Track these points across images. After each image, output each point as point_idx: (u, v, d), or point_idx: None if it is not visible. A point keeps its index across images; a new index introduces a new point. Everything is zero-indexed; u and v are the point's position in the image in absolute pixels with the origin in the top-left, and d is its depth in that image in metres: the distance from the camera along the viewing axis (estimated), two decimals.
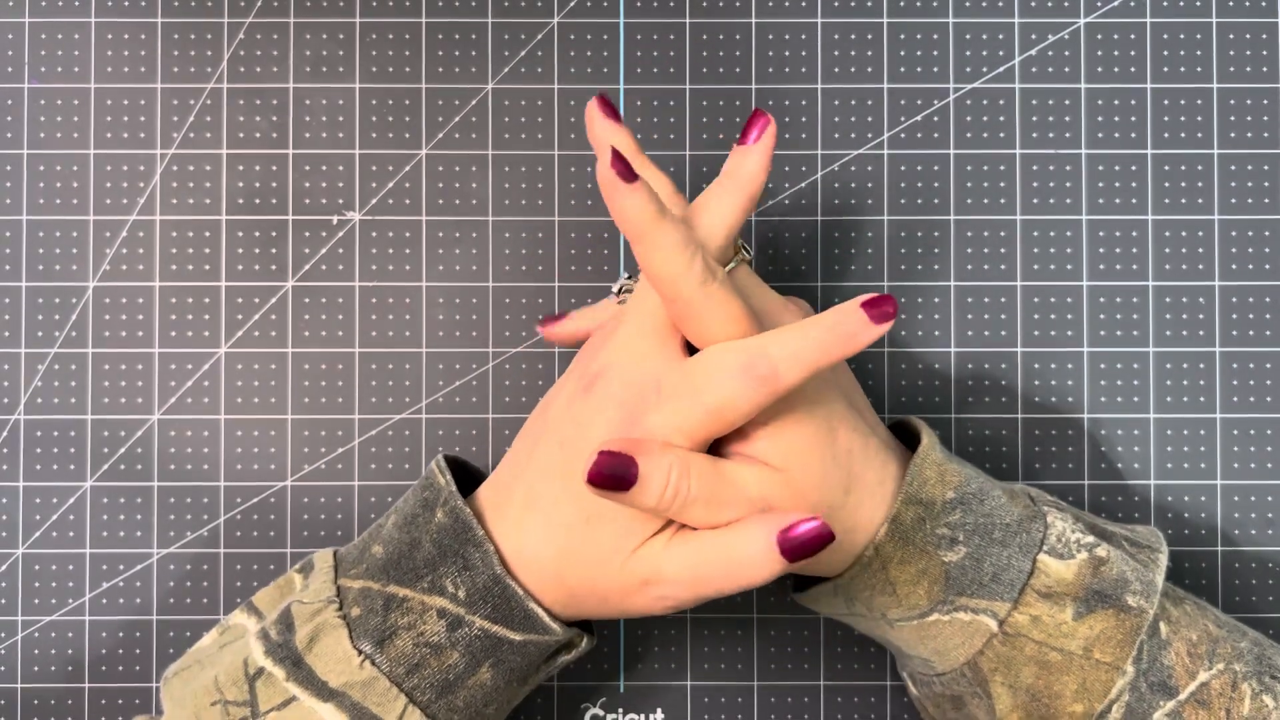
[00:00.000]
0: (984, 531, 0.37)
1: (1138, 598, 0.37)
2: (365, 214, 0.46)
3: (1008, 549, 0.37)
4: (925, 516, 0.37)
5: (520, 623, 0.37)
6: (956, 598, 0.37)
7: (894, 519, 0.37)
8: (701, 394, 0.35)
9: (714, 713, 0.46)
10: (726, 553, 0.34)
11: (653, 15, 0.47)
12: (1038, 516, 0.38)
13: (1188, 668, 0.37)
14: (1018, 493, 0.39)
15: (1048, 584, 0.37)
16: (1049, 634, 0.37)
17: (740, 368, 0.34)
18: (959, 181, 0.46)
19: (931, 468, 0.37)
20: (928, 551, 0.37)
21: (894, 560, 0.37)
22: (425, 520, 0.37)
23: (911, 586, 0.37)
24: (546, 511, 0.36)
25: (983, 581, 0.37)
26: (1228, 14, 0.46)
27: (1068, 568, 0.37)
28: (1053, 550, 0.37)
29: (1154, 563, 0.38)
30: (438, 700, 0.36)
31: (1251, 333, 0.46)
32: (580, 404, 0.36)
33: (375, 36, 0.47)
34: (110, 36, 0.47)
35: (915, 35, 0.47)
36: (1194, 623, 0.38)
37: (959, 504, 0.37)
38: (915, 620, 0.38)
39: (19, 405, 0.46)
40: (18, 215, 0.46)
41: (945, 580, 0.37)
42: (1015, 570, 0.37)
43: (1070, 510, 0.39)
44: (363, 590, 0.37)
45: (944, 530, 0.37)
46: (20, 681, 0.45)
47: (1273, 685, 0.37)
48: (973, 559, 0.37)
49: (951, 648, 0.38)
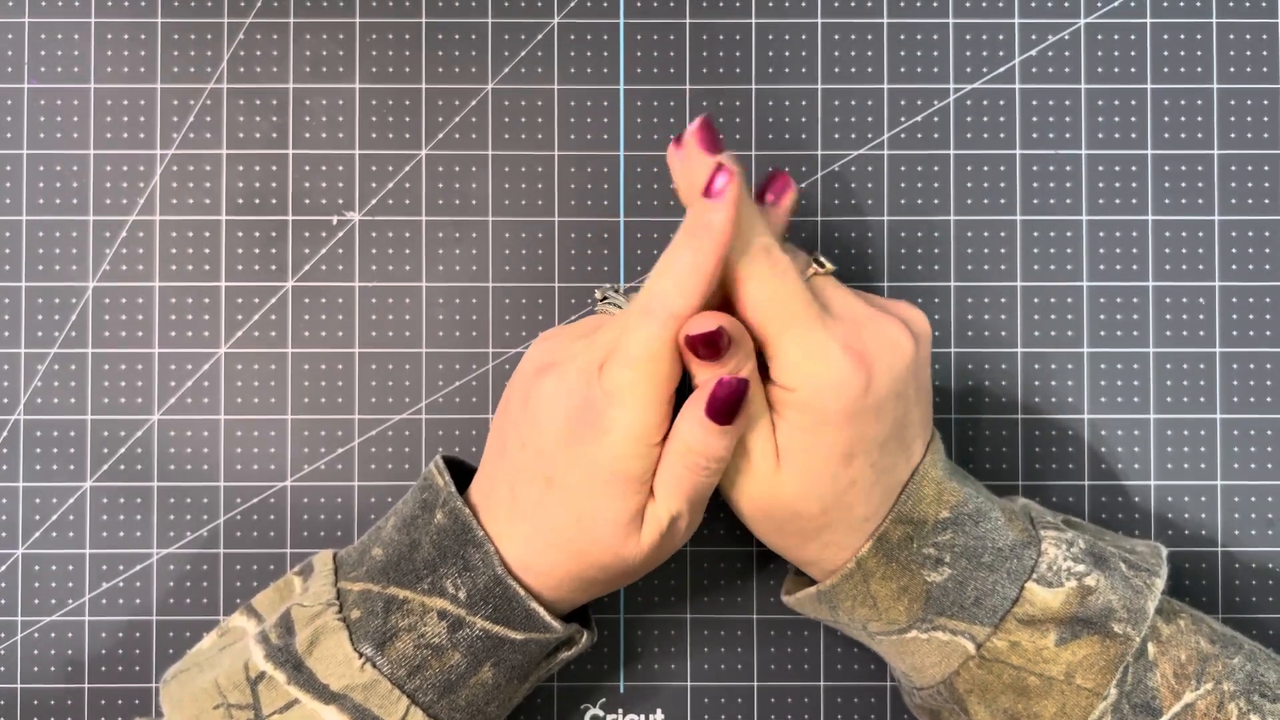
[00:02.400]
0: (972, 555, 0.37)
1: (1123, 625, 0.36)
2: (365, 214, 0.46)
3: (995, 574, 0.37)
4: (913, 535, 0.37)
5: (521, 622, 0.37)
6: (936, 617, 0.37)
7: (880, 536, 0.36)
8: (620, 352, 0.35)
9: (714, 713, 0.46)
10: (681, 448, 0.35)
11: (653, 15, 0.47)
12: (1032, 543, 0.38)
13: (1173, 689, 0.36)
14: (1017, 514, 0.39)
15: (1031, 612, 0.36)
16: (1028, 659, 0.36)
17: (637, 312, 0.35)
18: (959, 181, 0.46)
19: (930, 485, 0.37)
20: (910, 570, 0.37)
21: (876, 575, 0.37)
22: (425, 521, 0.37)
23: (892, 602, 0.37)
24: (533, 518, 0.36)
25: (964, 604, 0.37)
26: (1228, 14, 0.46)
27: (1055, 596, 0.36)
28: (1042, 578, 0.37)
29: (1149, 588, 0.37)
30: (439, 700, 0.36)
31: (1251, 333, 0.46)
32: (533, 398, 0.36)
33: (375, 36, 0.47)
34: (110, 36, 0.46)
35: (915, 35, 0.47)
36: (1185, 641, 0.37)
37: (952, 524, 0.37)
38: (895, 635, 0.38)
39: (19, 405, 0.46)
40: (18, 215, 0.46)
41: (926, 599, 0.37)
42: (1000, 596, 0.37)
43: (1071, 530, 0.39)
44: (363, 593, 0.37)
45: (931, 550, 0.37)
46: (20, 682, 0.45)
47: (1261, 704, 0.36)
48: (956, 581, 0.37)
49: (928, 665, 0.38)
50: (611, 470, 0.35)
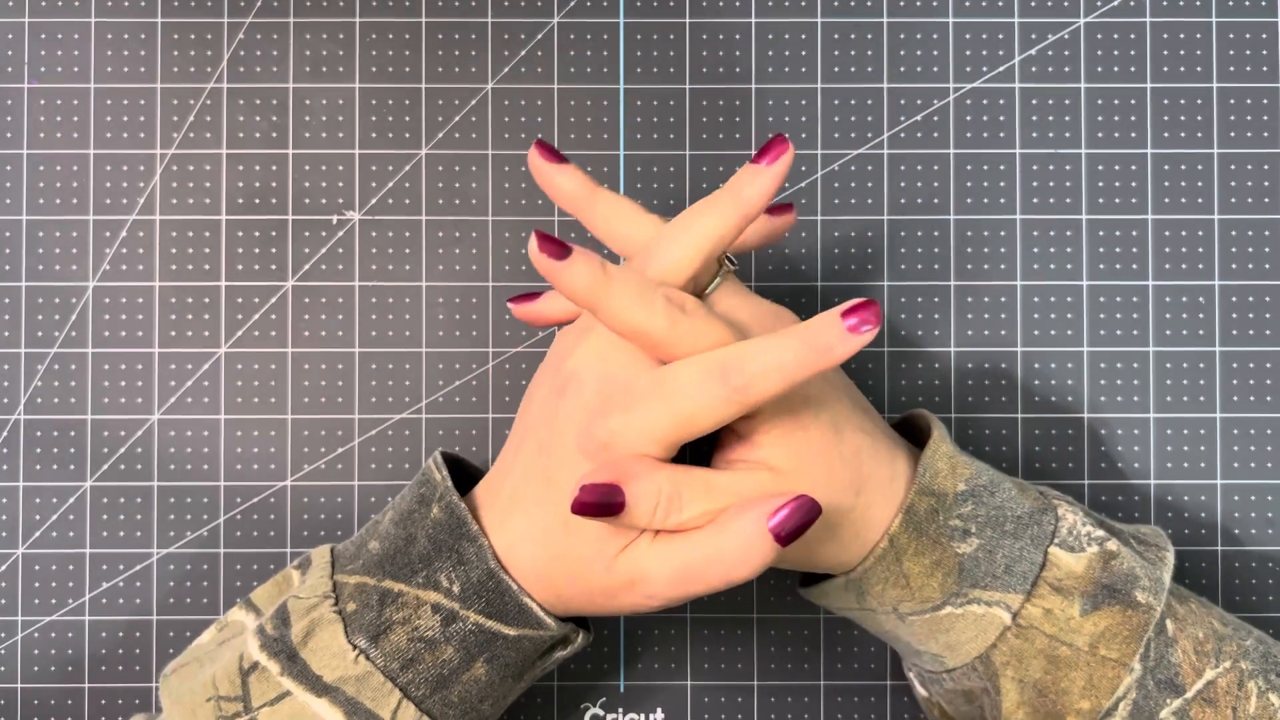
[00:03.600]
0: (995, 523, 0.37)
1: (1146, 594, 0.37)
2: (365, 214, 0.46)
3: (1019, 541, 0.37)
4: (938, 508, 0.37)
5: (514, 617, 0.37)
6: (970, 589, 0.37)
7: (908, 509, 0.36)
8: (671, 400, 0.34)
9: (714, 713, 0.46)
10: (715, 548, 0.34)
11: (653, 15, 0.47)
12: (1048, 509, 0.38)
13: (1194, 665, 0.37)
14: (1027, 487, 0.39)
15: (1059, 576, 0.37)
16: (1060, 628, 0.37)
17: (713, 377, 0.34)
18: (959, 181, 0.46)
19: (943, 459, 0.37)
20: (941, 543, 0.37)
21: (908, 552, 0.37)
22: (421, 516, 0.38)
23: (925, 578, 0.37)
24: (529, 512, 0.36)
25: (996, 573, 0.37)
26: (1228, 14, 0.47)
27: (1078, 561, 0.37)
28: (1064, 543, 0.37)
29: (1161, 560, 0.38)
30: (432, 695, 0.36)
31: (1251, 333, 0.46)
32: (554, 407, 0.36)
33: (375, 36, 0.47)
34: (110, 36, 0.47)
35: (915, 35, 0.47)
36: (1200, 621, 0.38)
37: (970, 496, 0.37)
38: (928, 613, 0.38)
39: (19, 405, 0.46)
40: (18, 215, 0.46)
41: (959, 572, 0.37)
42: (1028, 562, 0.37)
43: (1080, 506, 0.39)
44: (359, 586, 0.37)
45: (956, 522, 0.37)
46: (20, 681, 0.45)
47: (1277, 684, 0.37)
48: (985, 550, 0.37)
49: (964, 641, 0.38)
50: None
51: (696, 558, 0.34)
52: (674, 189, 0.46)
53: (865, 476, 0.36)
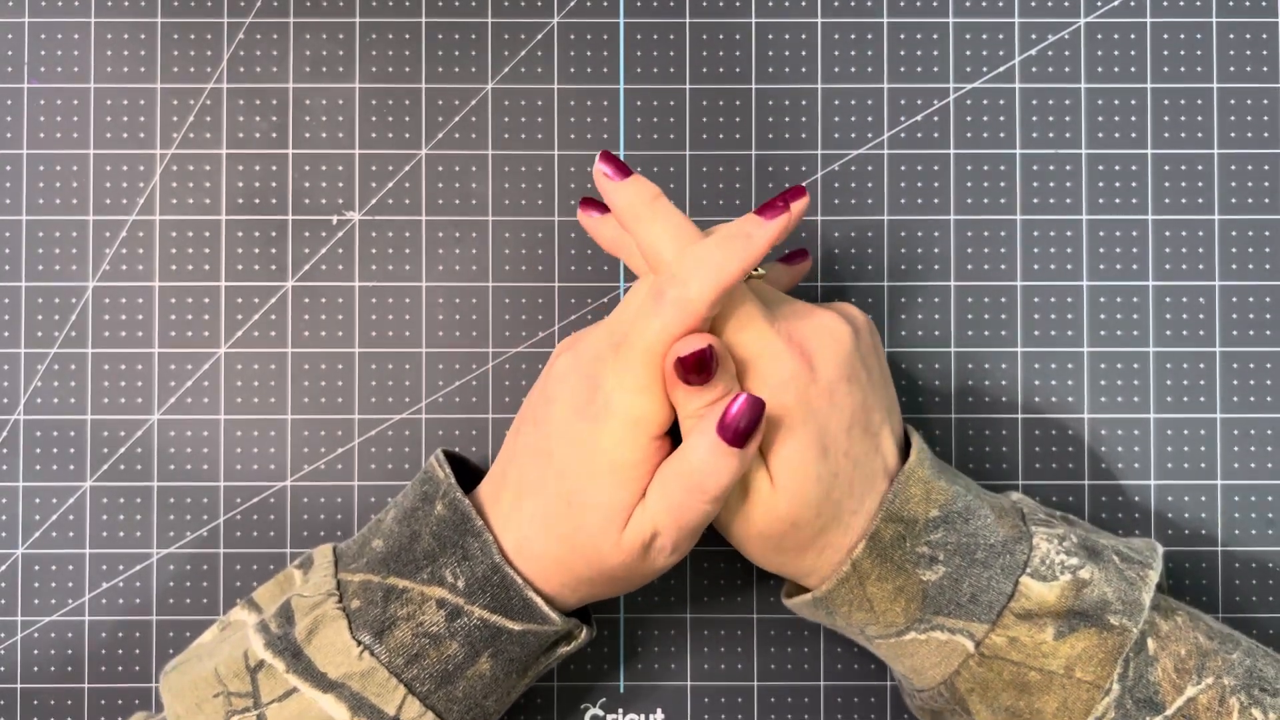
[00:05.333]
0: (966, 552, 0.37)
1: (1119, 617, 0.36)
2: (365, 214, 0.46)
3: (989, 570, 0.37)
4: (905, 534, 0.37)
5: (519, 612, 0.37)
6: (933, 616, 0.37)
7: (872, 535, 0.36)
8: (632, 336, 0.35)
9: (714, 713, 0.46)
10: (686, 470, 0.35)
11: (653, 15, 0.47)
12: (1024, 538, 0.38)
13: (1175, 683, 0.36)
14: (1007, 510, 0.39)
15: (1027, 606, 0.36)
16: (1028, 654, 0.36)
17: (650, 296, 0.35)
18: (959, 181, 0.46)
19: (918, 485, 0.37)
20: (905, 569, 0.37)
21: (871, 577, 0.37)
22: (425, 513, 0.38)
23: (889, 604, 0.37)
24: (531, 496, 0.37)
25: (960, 602, 0.37)
26: (1228, 14, 0.46)
27: (1050, 590, 0.37)
28: (1035, 572, 0.37)
29: (1142, 580, 0.38)
30: (437, 691, 0.36)
31: (1251, 333, 0.46)
32: (544, 392, 0.38)
33: (375, 36, 0.47)
34: (110, 36, 0.47)
35: (915, 35, 0.47)
36: (1184, 637, 0.37)
37: (942, 522, 0.37)
38: (893, 638, 0.38)
39: (19, 405, 0.46)
40: (18, 215, 0.46)
41: (923, 599, 0.37)
42: (995, 592, 0.37)
43: (1062, 526, 0.39)
44: (363, 583, 0.37)
45: (924, 549, 0.37)
46: (20, 681, 0.45)
47: (1261, 699, 0.36)
48: (951, 579, 0.37)
49: (928, 666, 0.38)
50: (607, 456, 0.35)
51: (678, 488, 0.35)
52: (674, 189, 0.46)
53: (835, 501, 0.36)
